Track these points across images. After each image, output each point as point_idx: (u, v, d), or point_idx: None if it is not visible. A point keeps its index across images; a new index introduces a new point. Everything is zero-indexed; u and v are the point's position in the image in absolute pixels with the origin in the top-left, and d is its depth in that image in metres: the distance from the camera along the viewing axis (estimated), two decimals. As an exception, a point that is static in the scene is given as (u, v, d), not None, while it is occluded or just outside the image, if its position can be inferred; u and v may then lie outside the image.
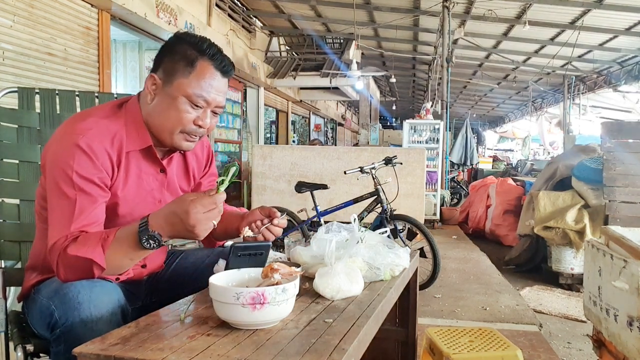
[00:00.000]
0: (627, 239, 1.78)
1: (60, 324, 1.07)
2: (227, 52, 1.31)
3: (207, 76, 1.26)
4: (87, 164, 1.18)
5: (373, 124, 16.17)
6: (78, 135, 1.19)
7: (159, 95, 1.27)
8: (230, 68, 1.31)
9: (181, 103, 1.25)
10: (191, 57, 1.25)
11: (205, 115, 1.28)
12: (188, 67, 1.24)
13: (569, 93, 13.77)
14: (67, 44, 5.04)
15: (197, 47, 1.26)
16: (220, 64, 1.27)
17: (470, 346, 1.78)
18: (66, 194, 1.16)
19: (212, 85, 1.26)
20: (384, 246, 1.45)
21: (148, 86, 1.28)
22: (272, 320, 1.00)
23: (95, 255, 1.11)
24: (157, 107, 1.28)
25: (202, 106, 1.27)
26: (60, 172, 1.17)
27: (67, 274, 1.14)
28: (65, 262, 1.13)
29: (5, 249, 1.61)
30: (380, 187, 3.98)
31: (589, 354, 2.74)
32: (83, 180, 1.17)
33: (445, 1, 8.50)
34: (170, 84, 1.25)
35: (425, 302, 3.55)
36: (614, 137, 3.89)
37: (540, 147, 21.11)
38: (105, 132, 1.23)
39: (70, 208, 1.16)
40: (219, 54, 1.28)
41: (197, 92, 1.25)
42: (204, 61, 1.26)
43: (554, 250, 4.32)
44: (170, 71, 1.26)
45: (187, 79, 1.24)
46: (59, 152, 1.19)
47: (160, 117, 1.28)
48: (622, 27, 9.10)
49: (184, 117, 1.26)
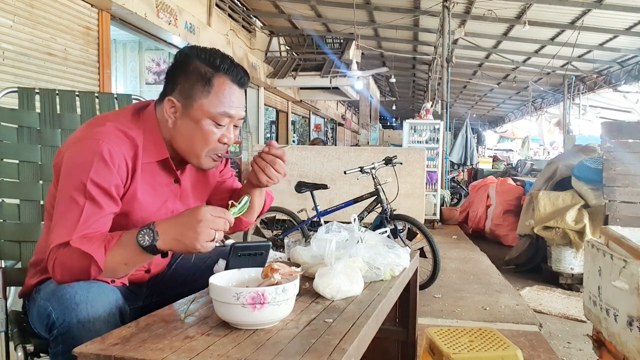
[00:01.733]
0: (627, 239, 1.78)
1: (58, 324, 1.07)
2: (227, 52, 1.30)
3: (226, 92, 1.25)
4: (104, 171, 1.17)
5: (373, 124, 16.18)
6: (98, 141, 1.17)
7: (180, 119, 1.26)
8: (247, 79, 1.30)
9: (206, 125, 1.25)
10: (207, 76, 1.23)
11: (229, 132, 1.29)
12: (206, 86, 1.23)
13: (569, 93, 13.77)
14: (67, 44, 5.05)
15: (210, 64, 1.24)
16: (236, 76, 1.26)
17: (470, 346, 1.78)
18: (76, 200, 1.15)
19: (232, 100, 1.26)
20: (384, 246, 1.45)
21: (167, 110, 1.26)
22: (272, 320, 1.00)
23: (97, 253, 1.10)
24: (181, 131, 1.27)
25: (225, 123, 1.27)
26: (74, 177, 1.16)
27: (63, 274, 1.13)
28: (62, 261, 1.12)
29: (5, 249, 1.61)
30: (380, 187, 3.98)
31: (589, 354, 2.74)
32: (96, 189, 1.16)
33: (445, 1, 8.50)
34: (191, 106, 1.24)
35: (425, 302, 3.55)
36: (613, 137, 3.89)
37: (540, 147, 21.12)
38: (124, 140, 1.22)
39: (77, 214, 1.15)
40: (233, 67, 1.26)
41: (220, 110, 1.24)
42: (220, 77, 1.24)
43: (554, 250, 4.32)
44: (188, 93, 1.24)
45: (207, 100, 1.23)
46: (77, 155, 1.18)
47: (186, 141, 1.27)
48: (622, 27, 9.10)
49: (210, 138, 1.26)
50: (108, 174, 1.17)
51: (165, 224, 1.12)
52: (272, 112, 13.62)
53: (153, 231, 1.10)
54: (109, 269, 1.13)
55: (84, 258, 1.11)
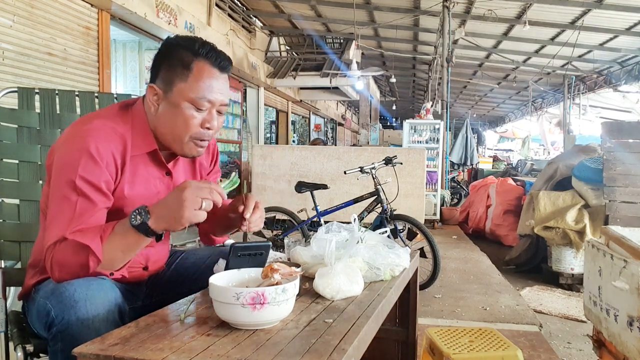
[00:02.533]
0: (627, 239, 1.78)
1: (57, 322, 1.07)
2: (227, 52, 1.31)
3: (205, 76, 1.24)
4: (92, 168, 1.18)
5: (373, 124, 16.19)
6: (85, 138, 1.19)
7: (162, 105, 1.27)
8: (227, 63, 1.29)
9: (185, 109, 1.24)
10: (186, 60, 1.24)
11: (211, 117, 1.28)
12: (185, 70, 1.23)
13: (569, 93, 13.77)
14: (67, 44, 5.05)
15: (190, 49, 1.24)
16: (216, 60, 1.26)
17: (470, 346, 1.78)
18: (68, 198, 1.16)
19: (212, 84, 1.25)
20: (384, 246, 1.45)
21: (149, 97, 1.27)
22: (272, 320, 1.00)
23: (93, 244, 1.12)
24: (162, 117, 1.27)
25: (206, 108, 1.26)
26: (64, 176, 1.17)
27: (61, 271, 1.14)
28: (60, 257, 1.13)
29: (5, 249, 1.61)
30: (380, 187, 3.98)
31: (589, 354, 2.74)
32: (86, 185, 1.17)
33: (445, 1, 8.50)
34: (171, 91, 1.25)
35: (425, 302, 3.55)
36: (614, 137, 3.89)
37: (540, 147, 21.12)
38: (111, 134, 1.23)
39: (70, 211, 1.16)
40: (213, 52, 1.26)
41: (199, 94, 1.24)
42: (200, 61, 1.24)
43: (554, 250, 4.32)
44: (169, 79, 1.25)
45: (186, 83, 1.23)
46: (65, 154, 1.19)
47: (167, 126, 1.27)
48: (622, 27, 9.10)
49: (191, 123, 1.25)
50: (97, 170, 1.18)
51: (156, 204, 1.16)
52: (272, 112, 13.62)
53: (144, 210, 1.13)
54: (107, 259, 1.15)
55: (81, 250, 1.12)
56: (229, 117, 9.77)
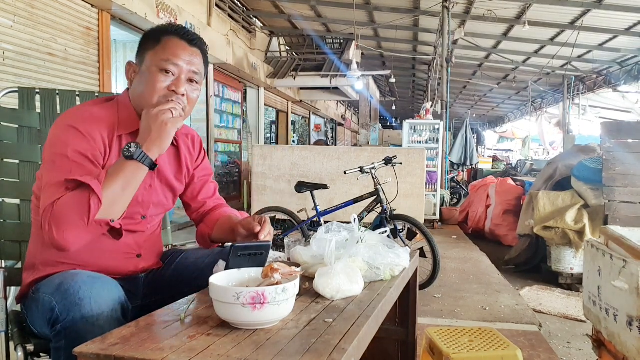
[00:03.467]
0: (626, 239, 1.78)
1: (62, 319, 1.08)
2: (227, 52, 1.36)
3: (172, 44, 1.34)
4: (82, 141, 1.24)
5: (373, 124, 16.18)
6: (72, 119, 1.27)
7: (136, 77, 1.37)
8: (196, 37, 1.38)
9: (152, 73, 1.32)
10: (157, 35, 1.36)
11: (179, 81, 1.33)
12: (154, 43, 1.34)
13: (569, 93, 13.77)
14: (67, 44, 5.05)
15: (163, 27, 1.38)
16: (184, 35, 1.36)
17: (470, 346, 1.78)
18: (61, 166, 1.21)
19: (179, 52, 1.33)
20: (384, 246, 1.45)
21: (129, 74, 1.38)
22: (272, 320, 1.00)
23: (93, 183, 1.16)
24: (136, 88, 1.37)
25: (172, 72, 1.33)
26: (55, 149, 1.23)
27: (61, 225, 1.14)
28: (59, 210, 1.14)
29: (5, 249, 1.61)
30: (380, 187, 3.98)
31: (589, 354, 2.74)
32: (78, 155, 1.22)
33: (445, 1, 8.50)
34: (142, 62, 1.35)
35: (425, 302, 3.55)
36: (613, 137, 3.89)
37: (540, 147, 21.11)
38: (97, 116, 1.31)
39: (64, 176, 1.19)
40: (183, 29, 1.37)
41: (164, 57, 1.32)
42: (169, 35, 1.35)
43: (553, 250, 4.32)
44: (142, 53, 1.36)
45: (153, 51, 1.33)
46: (55, 135, 1.27)
47: (139, 94, 1.35)
48: (622, 27, 9.10)
49: (157, 86, 1.32)
50: (86, 144, 1.25)
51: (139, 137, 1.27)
52: (272, 112, 13.62)
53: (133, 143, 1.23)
54: (107, 199, 1.18)
55: (81, 194, 1.15)
56: (229, 117, 9.78)
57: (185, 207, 1.61)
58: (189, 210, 1.61)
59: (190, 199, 1.58)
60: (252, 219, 1.39)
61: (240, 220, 1.41)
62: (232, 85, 9.82)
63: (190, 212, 1.61)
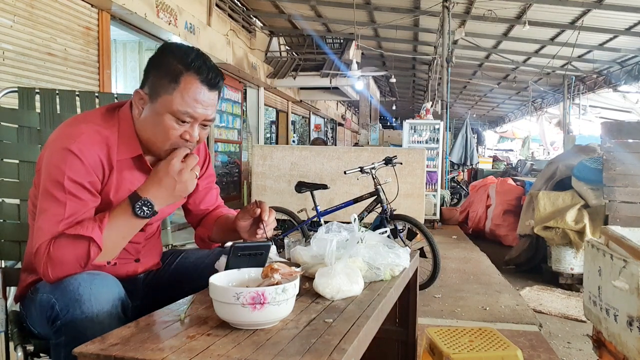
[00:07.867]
0: (627, 239, 1.78)
1: (62, 316, 1.08)
2: (227, 52, 1.32)
3: (191, 92, 1.22)
4: (78, 167, 1.18)
5: (373, 124, 16.18)
6: (69, 140, 1.19)
7: (146, 109, 1.26)
8: (218, 80, 1.27)
9: (167, 120, 1.23)
10: (175, 72, 1.22)
11: (192, 130, 1.26)
12: (172, 83, 1.22)
13: (569, 93, 13.77)
14: (67, 44, 5.05)
15: (182, 61, 1.23)
16: (206, 77, 1.24)
17: (470, 346, 1.78)
18: (56, 198, 1.17)
19: (198, 100, 1.23)
20: (384, 246, 1.45)
21: (135, 100, 1.28)
22: (272, 320, 1.00)
23: (94, 233, 1.15)
24: (144, 123, 1.27)
25: (188, 121, 1.25)
26: (51, 177, 1.18)
27: (55, 268, 1.14)
28: (56, 253, 1.14)
29: (5, 249, 1.61)
30: (380, 187, 3.98)
31: (589, 354, 2.74)
32: (74, 185, 1.18)
33: (445, 1, 8.50)
34: (156, 100, 1.24)
35: (425, 302, 3.55)
36: (613, 137, 3.89)
37: (540, 147, 21.12)
38: (96, 138, 1.23)
39: (61, 210, 1.17)
40: (204, 67, 1.24)
41: (182, 108, 1.22)
42: (189, 76, 1.22)
43: (554, 250, 4.32)
44: (156, 87, 1.24)
45: (171, 96, 1.22)
46: (51, 157, 1.20)
47: (149, 132, 1.27)
48: (622, 27, 9.10)
49: (171, 134, 1.25)
50: (83, 171, 1.19)
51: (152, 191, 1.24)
52: (272, 112, 13.61)
53: (148, 202, 1.22)
54: (107, 247, 1.18)
55: (80, 242, 1.14)
56: (229, 117, 9.78)
57: (185, 213, 1.59)
58: (189, 217, 1.59)
59: (192, 207, 1.55)
60: (247, 207, 1.38)
61: (236, 215, 1.40)
62: (232, 85, 9.82)
63: (190, 218, 1.59)
